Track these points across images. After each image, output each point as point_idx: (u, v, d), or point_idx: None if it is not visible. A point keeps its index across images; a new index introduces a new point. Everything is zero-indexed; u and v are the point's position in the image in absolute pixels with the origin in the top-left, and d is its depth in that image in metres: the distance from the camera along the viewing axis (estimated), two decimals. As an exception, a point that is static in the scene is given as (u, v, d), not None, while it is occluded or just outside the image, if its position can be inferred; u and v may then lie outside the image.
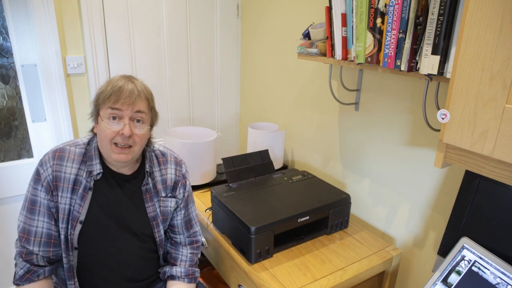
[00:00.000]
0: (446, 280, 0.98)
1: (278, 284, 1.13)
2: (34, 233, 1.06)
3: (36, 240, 1.06)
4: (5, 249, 1.81)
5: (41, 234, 1.06)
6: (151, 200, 1.16)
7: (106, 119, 1.03)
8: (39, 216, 1.06)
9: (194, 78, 2.11)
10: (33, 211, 1.06)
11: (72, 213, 1.06)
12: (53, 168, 1.05)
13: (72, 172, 1.06)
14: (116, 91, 1.02)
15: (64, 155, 1.07)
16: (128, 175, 1.14)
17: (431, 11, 0.93)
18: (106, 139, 1.04)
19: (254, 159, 1.57)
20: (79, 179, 1.07)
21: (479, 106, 0.75)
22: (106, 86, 1.05)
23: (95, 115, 1.08)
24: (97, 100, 1.06)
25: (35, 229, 1.06)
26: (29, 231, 1.06)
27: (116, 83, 1.04)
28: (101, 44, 1.76)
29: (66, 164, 1.06)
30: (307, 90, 1.78)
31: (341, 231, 1.43)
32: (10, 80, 1.68)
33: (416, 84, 1.27)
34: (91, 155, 1.09)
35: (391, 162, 1.41)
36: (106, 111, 1.03)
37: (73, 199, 1.06)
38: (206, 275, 1.94)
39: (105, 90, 1.04)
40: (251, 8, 2.07)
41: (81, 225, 1.07)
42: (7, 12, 1.58)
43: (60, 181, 1.05)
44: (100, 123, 1.05)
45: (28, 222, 1.06)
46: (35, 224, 1.06)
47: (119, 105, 1.02)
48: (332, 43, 1.26)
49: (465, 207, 1.04)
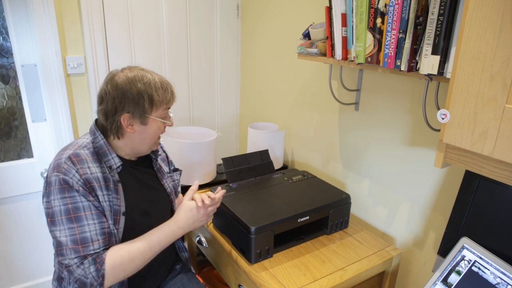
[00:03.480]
0: (446, 280, 0.98)
1: (278, 284, 1.13)
2: (90, 237, 1.00)
3: (94, 243, 1.00)
4: (5, 249, 1.81)
5: (97, 236, 1.01)
6: (163, 178, 1.26)
7: (162, 118, 1.11)
8: (88, 220, 1.00)
9: (194, 78, 2.11)
10: (79, 218, 1.00)
11: (113, 207, 1.07)
12: (80, 172, 1.01)
13: (97, 171, 1.06)
14: (171, 92, 1.12)
15: (81, 158, 1.04)
16: (136, 161, 1.19)
17: (431, 11, 0.93)
18: (156, 136, 1.13)
19: (254, 159, 1.57)
20: (106, 176, 1.07)
21: (479, 106, 0.75)
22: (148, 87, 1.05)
23: (142, 116, 1.07)
24: (150, 104, 1.06)
25: (89, 234, 1.00)
26: (84, 239, 0.99)
27: (161, 82, 1.09)
28: (101, 44, 1.76)
29: (88, 166, 1.04)
30: (307, 90, 1.78)
31: (341, 231, 1.43)
32: (10, 80, 1.68)
33: (416, 84, 1.27)
34: (104, 151, 1.09)
35: (391, 162, 1.41)
36: (162, 112, 1.11)
37: (110, 195, 1.06)
38: (206, 275, 1.94)
39: (159, 93, 1.07)
40: (251, 8, 2.07)
41: (124, 216, 1.09)
42: (7, 12, 1.58)
43: (92, 182, 1.03)
44: (152, 123, 1.09)
45: (78, 232, 0.99)
46: (87, 230, 1.00)
47: (171, 104, 1.14)
48: (332, 43, 1.26)
49: (465, 207, 1.04)
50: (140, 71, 1.08)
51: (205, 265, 2.03)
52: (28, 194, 1.80)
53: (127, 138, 1.11)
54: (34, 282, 1.93)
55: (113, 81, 1.05)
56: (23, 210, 1.81)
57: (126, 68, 1.09)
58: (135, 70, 1.09)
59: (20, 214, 1.81)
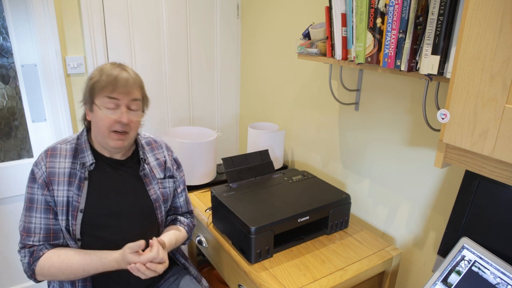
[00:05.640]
0: (446, 280, 0.98)
1: (278, 284, 1.13)
2: (34, 229, 1.09)
3: (35, 236, 1.09)
4: (5, 249, 1.81)
5: (40, 230, 1.09)
6: (150, 184, 1.22)
7: (103, 108, 1.07)
8: (37, 213, 1.09)
9: (194, 78, 2.11)
10: (31, 209, 1.09)
11: (72, 203, 1.09)
12: (47, 165, 1.09)
13: (66, 166, 1.11)
14: (112, 80, 1.05)
15: (55, 153, 1.11)
16: (122, 160, 1.19)
17: (431, 11, 0.93)
18: (104, 127, 1.08)
19: (254, 159, 1.57)
20: (74, 172, 1.11)
21: (479, 106, 0.75)
22: (99, 75, 1.07)
23: (89, 102, 1.10)
24: (92, 89, 1.08)
25: (33, 225, 1.09)
26: (29, 229, 1.09)
27: (110, 72, 1.07)
28: (101, 44, 1.76)
29: (59, 160, 1.11)
30: (307, 90, 1.78)
31: (341, 231, 1.43)
32: (10, 80, 1.68)
33: (416, 84, 1.27)
34: (82, 148, 1.14)
35: (391, 162, 1.41)
36: (103, 100, 1.06)
37: (71, 191, 1.09)
38: (206, 275, 1.94)
39: (100, 80, 1.06)
40: (251, 8, 2.07)
41: (82, 213, 1.10)
42: (7, 12, 1.58)
43: (54, 176, 1.09)
44: (97, 111, 1.08)
45: (27, 221, 1.09)
46: (33, 221, 1.09)
47: (116, 95, 1.06)
48: (332, 43, 1.26)
49: (465, 207, 1.04)
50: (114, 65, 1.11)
51: (205, 265, 2.03)
52: (28, 194, 1.80)
53: (92, 129, 1.14)
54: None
55: None
56: (23, 210, 1.81)
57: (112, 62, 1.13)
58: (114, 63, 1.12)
59: (20, 214, 1.81)
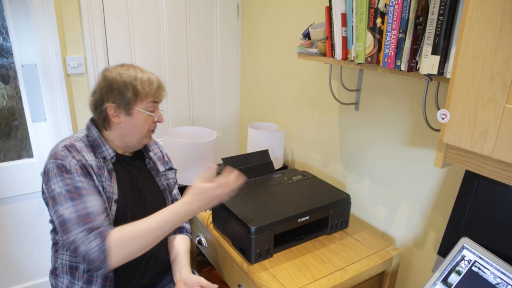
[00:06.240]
0: (446, 280, 0.98)
1: (278, 284, 1.13)
2: (93, 213, 0.99)
3: (99, 217, 1.00)
4: (5, 249, 1.81)
5: (99, 211, 1.01)
6: (157, 176, 1.28)
7: (148, 111, 1.13)
8: (90, 197, 1.01)
9: (194, 78, 2.11)
10: (81, 195, 1.00)
11: (107, 194, 1.09)
12: (76, 158, 1.04)
13: (91, 159, 1.09)
14: (158, 86, 1.13)
15: (76, 148, 1.07)
16: (130, 156, 1.22)
17: (431, 11, 0.93)
18: (145, 128, 1.14)
19: (254, 159, 1.57)
20: (100, 164, 1.11)
21: (479, 106, 0.75)
22: (133, 79, 1.09)
23: (127, 108, 1.09)
24: (135, 94, 1.09)
25: (91, 210, 0.99)
26: (87, 214, 0.98)
27: (149, 77, 1.12)
28: (101, 44, 1.76)
29: (83, 155, 1.08)
30: (307, 90, 1.78)
31: (341, 231, 1.43)
32: (10, 80, 1.68)
33: (416, 84, 1.27)
34: (98, 143, 1.13)
35: (391, 162, 1.41)
36: (147, 104, 1.12)
37: (103, 182, 1.09)
38: (206, 275, 1.94)
39: (144, 86, 1.09)
40: (251, 8, 2.07)
41: (116, 204, 1.10)
42: (7, 12, 1.58)
43: (87, 167, 1.06)
44: (138, 114, 1.11)
45: (81, 207, 0.99)
46: (89, 205, 1.00)
47: (158, 98, 1.15)
48: (332, 43, 1.26)
49: (465, 207, 1.04)
50: (132, 67, 1.13)
51: (205, 265, 2.03)
52: (28, 194, 1.80)
53: (115, 130, 1.13)
54: (34, 282, 1.93)
55: (104, 74, 1.11)
56: (23, 210, 1.81)
57: (121, 64, 1.14)
58: (129, 66, 1.13)
59: (20, 214, 1.81)
